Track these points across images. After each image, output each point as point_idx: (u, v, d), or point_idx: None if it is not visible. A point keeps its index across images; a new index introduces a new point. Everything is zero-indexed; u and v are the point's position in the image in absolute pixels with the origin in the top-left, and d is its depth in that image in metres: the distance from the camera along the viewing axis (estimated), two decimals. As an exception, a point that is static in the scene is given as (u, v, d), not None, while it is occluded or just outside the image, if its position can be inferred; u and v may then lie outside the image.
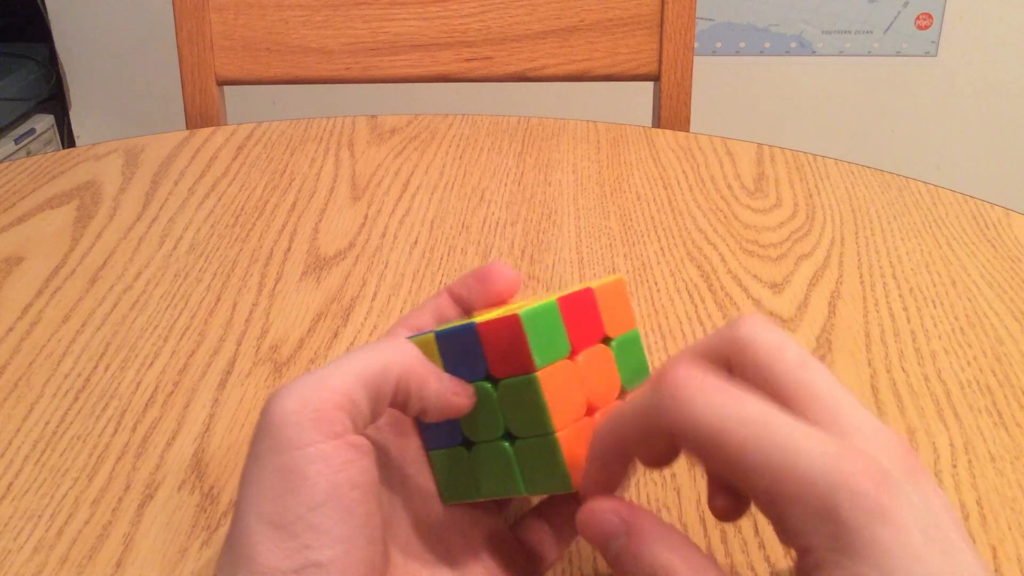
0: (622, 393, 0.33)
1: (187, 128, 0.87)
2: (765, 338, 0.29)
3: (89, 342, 0.49)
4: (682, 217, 0.62)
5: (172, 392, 0.46)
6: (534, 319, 0.30)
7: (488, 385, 0.31)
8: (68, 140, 1.92)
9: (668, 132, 0.76)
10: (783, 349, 0.28)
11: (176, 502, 0.39)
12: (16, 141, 1.76)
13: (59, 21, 1.84)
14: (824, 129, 1.83)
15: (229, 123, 0.84)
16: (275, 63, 0.88)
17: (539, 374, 0.30)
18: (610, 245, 0.59)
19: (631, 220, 0.62)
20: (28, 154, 1.78)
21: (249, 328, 0.51)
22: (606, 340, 0.33)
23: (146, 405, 0.45)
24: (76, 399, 0.45)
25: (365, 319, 0.51)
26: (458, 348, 0.32)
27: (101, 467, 0.41)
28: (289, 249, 0.59)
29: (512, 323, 0.30)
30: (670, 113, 0.88)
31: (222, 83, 0.89)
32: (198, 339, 0.50)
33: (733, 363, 0.29)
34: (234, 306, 0.53)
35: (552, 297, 0.31)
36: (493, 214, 0.63)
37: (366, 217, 0.62)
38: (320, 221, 0.62)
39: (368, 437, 0.28)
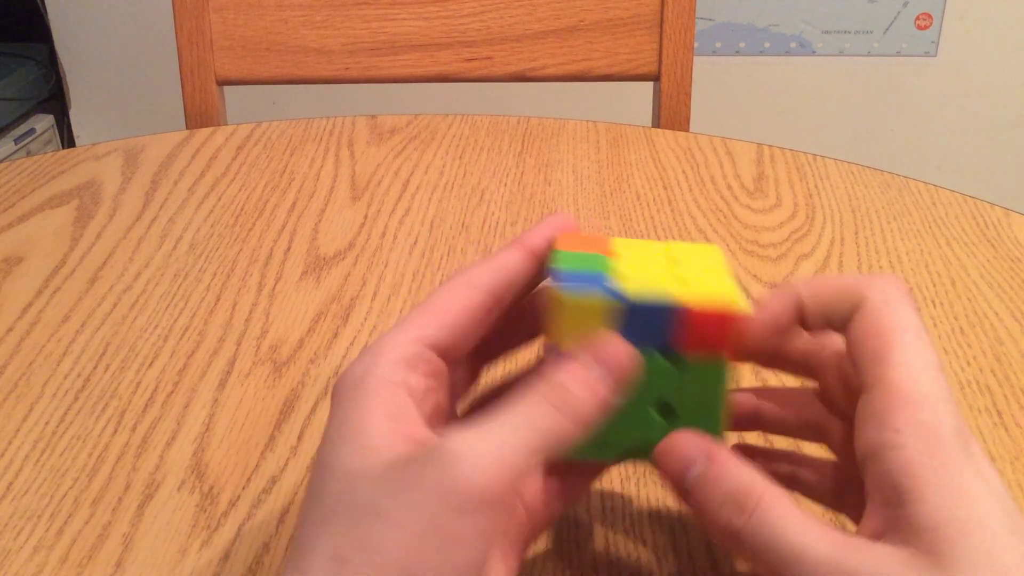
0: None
1: (187, 128, 0.87)
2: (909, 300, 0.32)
3: (89, 342, 0.49)
4: (682, 217, 0.62)
5: (172, 392, 0.46)
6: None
7: (663, 358, 0.30)
8: (68, 140, 1.92)
9: (668, 132, 0.76)
10: (916, 316, 0.31)
11: (176, 502, 0.39)
12: (16, 141, 1.76)
13: (59, 21, 1.84)
14: (824, 129, 1.83)
15: (229, 123, 0.84)
16: (275, 63, 0.88)
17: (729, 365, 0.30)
18: (610, 245, 0.59)
19: (631, 220, 0.62)
20: (28, 154, 1.78)
21: (249, 328, 0.51)
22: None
23: (146, 405, 0.45)
24: (76, 399, 0.45)
25: (365, 319, 0.51)
26: (650, 316, 0.30)
27: (101, 467, 0.41)
28: (289, 249, 0.59)
29: (730, 316, 0.30)
30: (670, 113, 0.88)
31: (222, 83, 0.89)
32: (198, 339, 0.50)
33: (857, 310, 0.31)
34: (234, 306, 0.53)
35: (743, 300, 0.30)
36: (493, 214, 0.63)
37: (366, 217, 0.62)
38: (320, 221, 0.62)
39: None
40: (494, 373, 0.36)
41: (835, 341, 0.33)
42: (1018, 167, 1.84)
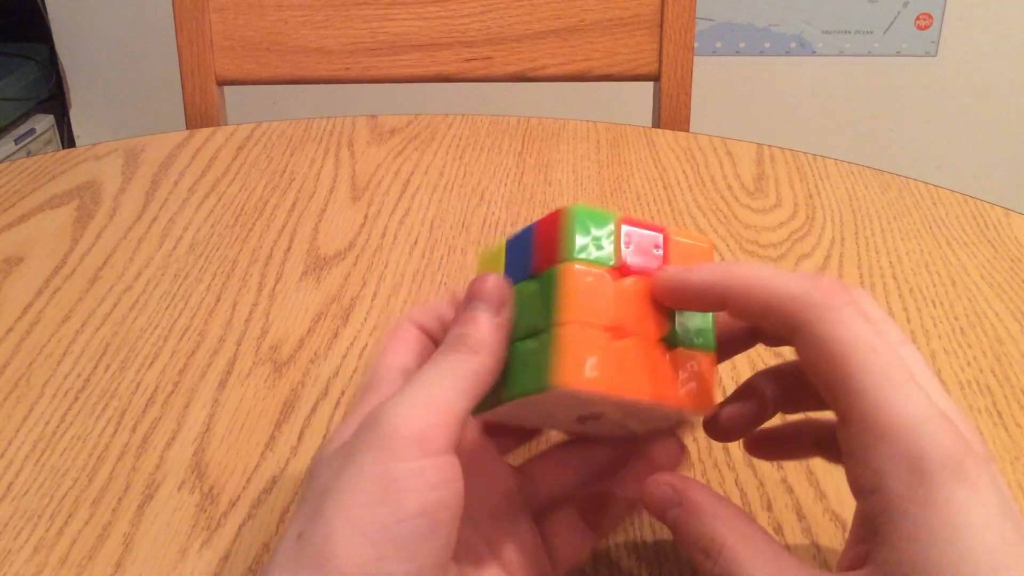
0: (670, 339, 0.30)
1: (187, 128, 0.87)
2: (872, 311, 0.29)
3: (89, 342, 0.49)
4: (682, 217, 0.62)
5: (172, 392, 0.46)
6: (582, 217, 0.30)
7: (528, 283, 0.31)
8: (68, 140, 1.92)
9: (668, 132, 0.76)
10: (887, 324, 0.30)
11: (176, 502, 0.39)
12: (16, 141, 1.76)
13: (59, 21, 1.84)
14: (824, 129, 1.83)
15: (229, 123, 0.84)
16: (275, 63, 0.88)
17: (563, 269, 0.29)
18: (610, 245, 0.59)
19: (631, 220, 0.62)
20: (28, 154, 1.78)
21: (249, 328, 0.51)
22: None
23: (146, 405, 0.45)
24: (76, 399, 0.45)
25: (365, 319, 0.51)
26: (517, 249, 0.32)
27: (101, 467, 0.41)
28: (289, 249, 0.59)
29: (559, 214, 0.30)
30: (670, 113, 0.88)
31: (222, 83, 0.89)
32: (198, 339, 0.50)
33: None
34: (234, 306, 0.53)
35: (617, 212, 0.31)
36: (493, 214, 0.63)
37: (366, 217, 0.62)
38: (320, 221, 0.62)
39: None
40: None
41: None
42: (1018, 167, 1.84)
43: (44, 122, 1.84)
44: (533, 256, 0.31)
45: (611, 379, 0.28)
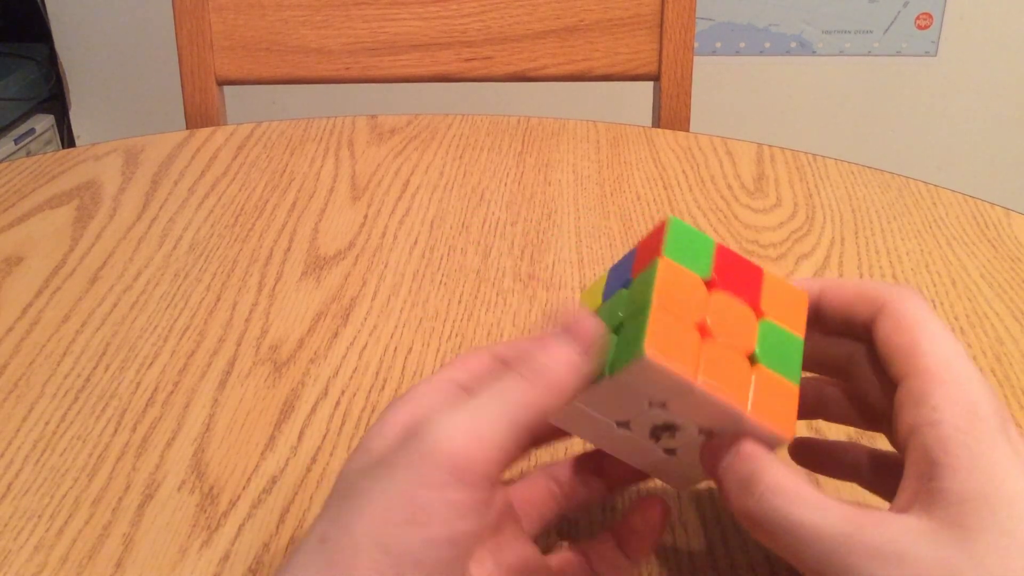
0: (752, 361, 0.30)
1: (187, 128, 0.87)
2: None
3: (89, 342, 0.49)
4: (682, 217, 0.62)
5: (172, 392, 0.46)
6: (682, 228, 0.31)
7: (624, 289, 0.32)
8: (68, 140, 1.92)
9: (668, 132, 0.76)
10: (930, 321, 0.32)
11: (176, 502, 0.39)
12: (16, 141, 1.76)
13: (59, 21, 1.84)
14: (824, 129, 1.83)
15: (229, 123, 0.84)
16: (275, 63, 0.88)
17: (661, 260, 0.30)
18: (610, 245, 0.59)
19: (631, 220, 0.62)
20: (28, 154, 1.78)
21: (249, 328, 0.51)
22: (761, 320, 0.31)
23: (146, 405, 0.45)
24: (76, 399, 0.45)
25: (365, 319, 0.51)
26: (617, 271, 0.33)
27: (101, 467, 0.41)
28: (289, 249, 0.59)
29: (660, 225, 0.31)
30: (670, 113, 0.88)
31: (222, 83, 0.89)
32: (198, 339, 0.50)
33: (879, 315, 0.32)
34: (234, 306, 0.53)
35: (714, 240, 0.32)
36: (493, 214, 0.63)
37: (366, 217, 0.62)
38: (320, 221, 0.62)
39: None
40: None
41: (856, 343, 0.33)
42: (1018, 167, 1.84)
43: (44, 122, 1.84)
44: (632, 268, 0.32)
45: (697, 367, 0.29)
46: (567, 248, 0.58)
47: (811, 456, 0.36)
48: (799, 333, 0.32)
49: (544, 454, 0.40)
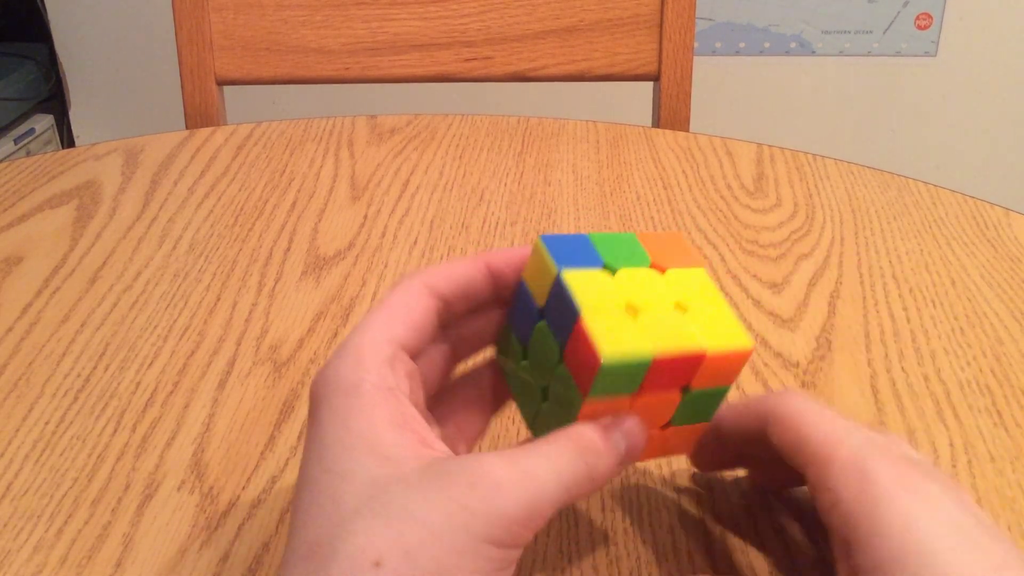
0: (666, 425, 0.33)
1: (187, 128, 0.87)
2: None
3: (89, 342, 0.49)
4: (682, 217, 0.62)
5: (172, 392, 0.46)
6: (614, 368, 0.29)
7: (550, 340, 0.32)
8: (68, 140, 1.92)
9: (668, 132, 0.76)
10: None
11: (176, 502, 0.39)
12: (16, 141, 1.76)
13: (59, 21, 1.84)
14: (824, 129, 1.83)
15: (229, 123, 0.84)
16: (275, 63, 0.88)
17: (583, 399, 0.30)
18: (610, 245, 0.59)
19: (631, 220, 0.62)
20: (28, 154, 1.78)
21: (249, 328, 0.51)
22: (686, 389, 0.32)
23: (146, 405, 0.45)
24: (76, 399, 0.45)
25: (365, 319, 0.51)
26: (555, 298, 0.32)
27: (101, 467, 0.41)
28: (289, 249, 0.59)
29: (593, 360, 0.29)
30: (670, 113, 0.88)
31: (222, 83, 0.89)
32: (198, 339, 0.50)
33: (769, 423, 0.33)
34: (234, 306, 0.53)
35: (653, 348, 0.30)
36: (493, 214, 0.63)
37: (366, 217, 0.62)
38: (320, 221, 0.62)
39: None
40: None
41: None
42: (1018, 167, 1.84)
43: (44, 122, 1.84)
44: (564, 349, 0.31)
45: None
46: (567, 248, 0.58)
47: (713, 457, 0.38)
48: (697, 263, 0.33)
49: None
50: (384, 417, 0.28)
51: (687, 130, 0.85)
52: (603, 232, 0.32)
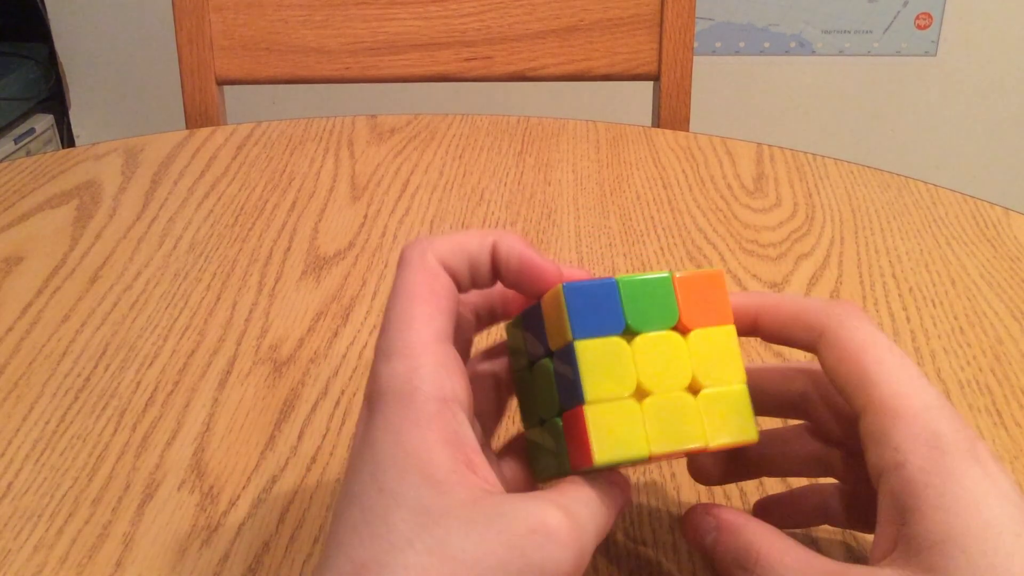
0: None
1: (187, 128, 0.87)
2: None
3: (89, 342, 0.49)
4: (682, 217, 0.62)
5: (172, 392, 0.46)
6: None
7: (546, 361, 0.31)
8: (68, 140, 1.92)
9: (668, 132, 0.76)
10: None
11: (176, 502, 0.39)
12: (16, 141, 1.76)
13: (59, 21, 1.84)
14: (824, 129, 1.83)
15: (229, 123, 0.84)
16: (275, 63, 0.88)
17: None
18: (610, 245, 0.59)
19: (631, 220, 0.62)
20: (28, 154, 1.78)
21: (249, 328, 0.51)
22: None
23: (146, 405, 0.45)
24: (76, 399, 0.45)
25: (365, 318, 0.51)
26: (531, 322, 0.32)
27: (101, 467, 0.41)
28: (289, 249, 0.59)
29: (586, 455, 0.29)
30: (670, 113, 0.88)
31: (222, 83, 0.89)
32: (198, 339, 0.50)
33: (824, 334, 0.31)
34: (234, 306, 0.53)
35: (649, 449, 0.29)
36: (493, 214, 0.63)
37: (366, 217, 0.62)
38: (320, 221, 0.62)
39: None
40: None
41: (810, 375, 0.33)
42: (1018, 167, 1.84)
43: (44, 122, 1.84)
44: (545, 333, 0.31)
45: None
46: (567, 248, 0.58)
47: (775, 511, 0.36)
48: (726, 320, 0.31)
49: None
50: (437, 436, 0.27)
51: (687, 130, 0.85)
52: (635, 275, 0.30)
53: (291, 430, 0.43)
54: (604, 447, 0.28)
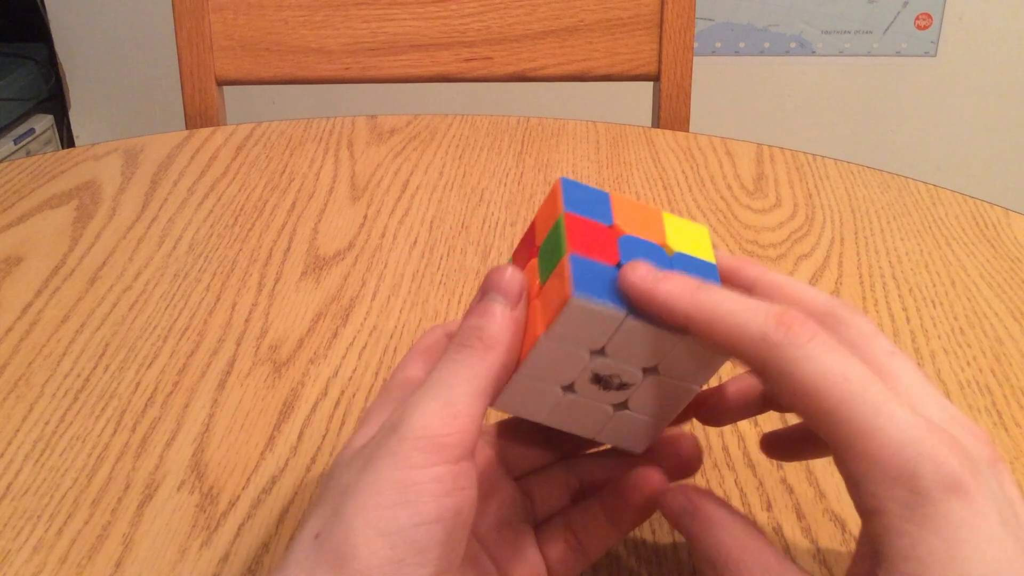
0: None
1: (187, 128, 0.87)
2: (852, 330, 0.29)
3: (89, 342, 0.49)
4: (682, 217, 0.62)
5: (172, 392, 0.46)
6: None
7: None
8: (68, 140, 1.92)
9: (668, 132, 0.76)
10: (868, 341, 0.29)
11: (176, 502, 0.39)
12: (16, 141, 1.76)
13: (59, 21, 1.84)
14: (824, 129, 1.83)
15: (229, 123, 0.84)
16: (275, 63, 0.88)
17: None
18: (610, 245, 0.59)
19: (631, 220, 0.62)
20: (28, 154, 1.78)
21: (249, 328, 0.51)
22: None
23: (146, 405, 0.45)
24: (76, 399, 0.45)
25: (365, 319, 0.51)
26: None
27: (101, 467, 0.41)
28: (288, 249, 0.59)
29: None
30: (670, 113, 0.88)
31: (222, 83, 0.89)
32: (198, 339, 0.50)
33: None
34: (234, 306, 0.53)
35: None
36: (493, 214, 0.63)
37: (365, 217, 0.62)
38: (319, 221, 0.62)
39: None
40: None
41: None
42: (1018, 167, 1.84)
43: (43, 122, 1.84)
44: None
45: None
46: (567, 248, 0.58)
47: (783, 445, 0.35)
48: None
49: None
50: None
51: (687, 130, 0.85)
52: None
53: (291, 430, 0.43)
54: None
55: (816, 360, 0.26)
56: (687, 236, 0.33)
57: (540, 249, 0.32)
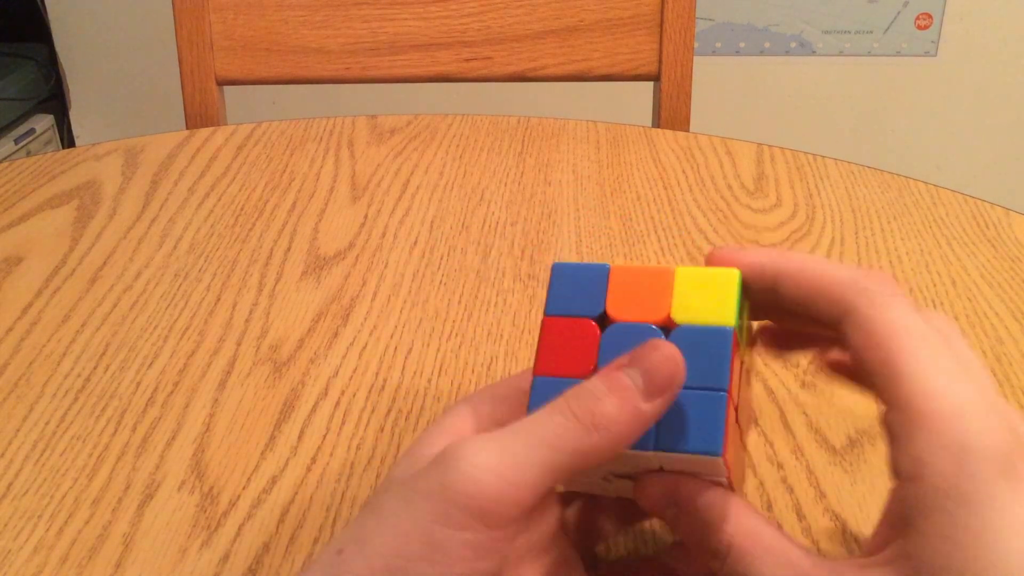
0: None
1: (187, 128, 0.87)
2: (924, 307, 0.29)
3: (89, 342, 0.49)
4: (682, 217, 0.62)
5: (172, 392, 0.46)
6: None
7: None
8: (68, 140, 1.92)
9: (668, 132, 0.76)
10: (941, 319, 0.29)
11: (176, 502, 0.39)
12: (16, 141, 1.76)
13: (59, 21, 1.84)
14: (824, 129, 1.83)
15: (229, 123, 0.84)
16: (275, 63, 0.88)
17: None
18: (610, 245, 0.59)
19: (631, 220, 0.62)
20: (28, 154, 1.78)
21: (249, 328, 0.51)
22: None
23: (146, 405, 0.45)
24: (76, 399, 0.45)
25: (365, 319, 0.51)
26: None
27: (101, 467, 0.41)
28: (289, 249, 0.59)
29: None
30: (670, 113, 0.88)
31: (222, 83, 0.89)
32: (198, 339, 0.50)
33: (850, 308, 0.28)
34: (234, 306, 0.53)
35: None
36: (493, 214, 0.63)
37: (366, 217, 0.62)
38: (320, 221, 0.62)
39: None
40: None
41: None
42: (1018, 167, 1.84)
43: (44, 122, 1.84)
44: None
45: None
46: (567, 248, 0.58)
47: (782, 338, 0.34)
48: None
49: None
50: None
51: (687, 130, 0.85)
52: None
53: (291, 430, 0.43)
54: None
55: (900, 312, 0.26)
56: (704, 293, 0.29)
57: None
